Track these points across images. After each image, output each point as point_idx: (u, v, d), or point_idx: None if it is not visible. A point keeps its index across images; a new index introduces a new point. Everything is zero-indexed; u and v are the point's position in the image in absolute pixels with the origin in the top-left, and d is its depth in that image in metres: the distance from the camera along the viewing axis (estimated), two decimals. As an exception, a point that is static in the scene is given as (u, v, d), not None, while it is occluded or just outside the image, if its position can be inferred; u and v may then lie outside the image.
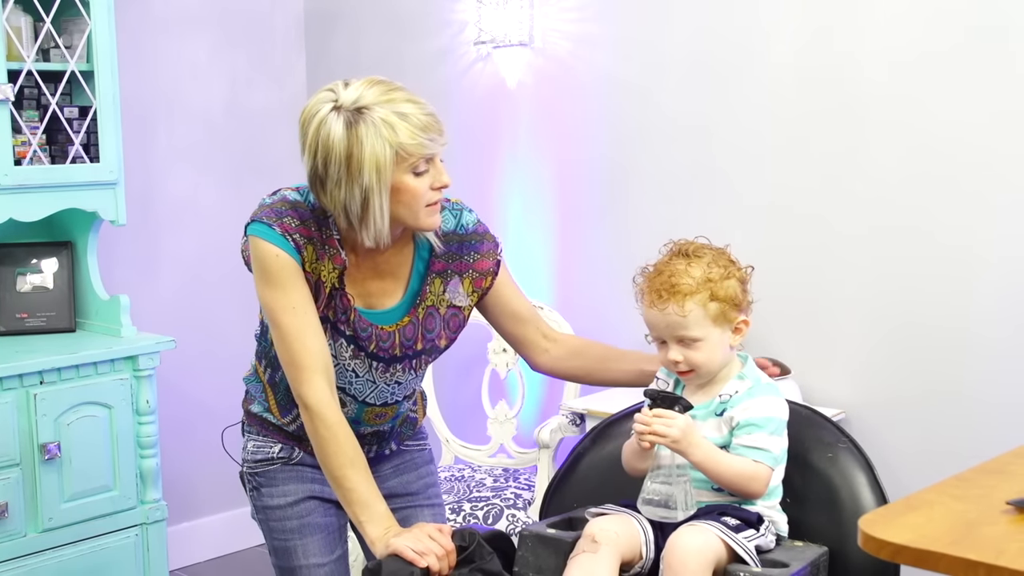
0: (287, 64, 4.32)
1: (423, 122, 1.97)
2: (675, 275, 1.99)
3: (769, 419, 2.00)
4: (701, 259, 2.01)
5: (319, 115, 1.97)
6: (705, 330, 1.98)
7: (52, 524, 3.23)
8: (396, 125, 1.95)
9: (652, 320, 2.02)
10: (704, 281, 1.98)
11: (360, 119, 1.95)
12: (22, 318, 3.55)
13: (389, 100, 1.97)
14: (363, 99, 1.96)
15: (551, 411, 3.61)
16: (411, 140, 1.96)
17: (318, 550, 2.22)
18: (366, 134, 1.94)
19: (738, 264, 2.05)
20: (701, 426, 2.01)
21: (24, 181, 3.29)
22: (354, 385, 2.14)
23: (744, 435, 1.98)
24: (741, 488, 1.98)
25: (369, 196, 1.96)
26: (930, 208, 2.92)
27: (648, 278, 2.03)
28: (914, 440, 2.97)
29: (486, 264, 2.20)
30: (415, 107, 1.98)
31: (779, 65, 3.14)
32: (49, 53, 3.42)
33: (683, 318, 1.97)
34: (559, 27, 3.61)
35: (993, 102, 2.80)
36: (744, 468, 1.97)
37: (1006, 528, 1.66)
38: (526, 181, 3.76)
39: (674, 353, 2.01)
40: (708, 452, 1.96)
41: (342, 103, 1.96)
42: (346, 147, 1.95)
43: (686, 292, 1.97)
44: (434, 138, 1.99)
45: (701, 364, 2.01)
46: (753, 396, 2.01)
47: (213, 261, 4.11)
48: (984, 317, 2.85)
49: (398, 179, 1.98)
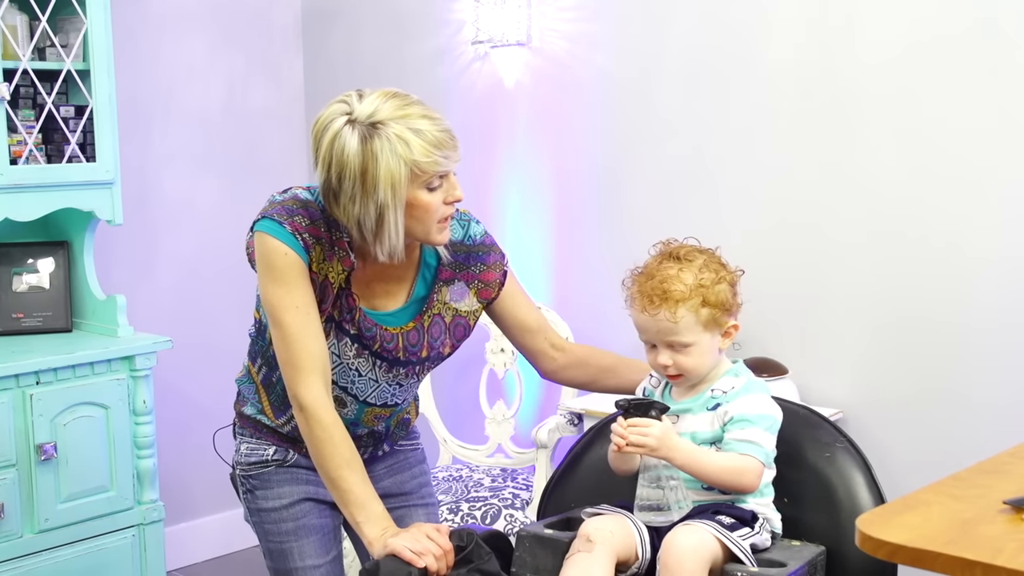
0: (285, 63, 4.32)
1: (437, 139, 1.96)
2: (667, 280, 1.98)
3: (764, 416, 2.00)
4: (692, 263, 2.01)
5: (333, 128, 1.95)
6: (696, 336, 1.98)
7: (49, 525, 3.22)
8: (411, 142, 1.93)
9: (643, 324, 2.02)
10: (696, 287, 1.97)
11: (375, 134, 1.93)
12: (18, 318, 3.55)
13: (404, 116, 1.95)
14: (378, 113, 1.94)
15: (549, 411, 3.61)
16: (425, 158, 1.95)
17: (314, 551, 2.22)
18: (381, 150, 1.93)
19: (728, 267, 2.04)
20: (693, 420, 2.01)
21: (20, 180, 3.29)
22: (356, 384, 2.14)
23: (737, 429, 1.98)
24: (732, 483, 1.98)
25: (384, 212, 1.96)
26: (927, 209, 2.91)
27: (638, 282, 2.02)
28: (911, 440, 2.97)
29: (492, 276, 2.21)
30: (430, 123, 1.96)
31: (776, 64, 3.14)
32: (45, 52, 3.41)
33: (674, 324, 1.97)
34: (557, 27, 3.61)
35: (990, 104, 2.79)
36: (731, 463, 1.96)
37: (1003, 528, 1.66)
38: (524, 180, 3.76)
39: (664, 357, 2.01)
40: (690, 453, 1.96)
41: (357, 116, 1.94)
42: (361, 163, 1.93)
43: (678, 298, 1.97)
44: (448, 155, 1.98)
45: (690, 369, 2.01)
46: (749, 393, 2.02)
47: (210, 261, 4.11)
48: (981, 317, 2.85)
49: (412, 195, 1.97)
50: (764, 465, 1.99)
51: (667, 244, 2.08)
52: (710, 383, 2.04)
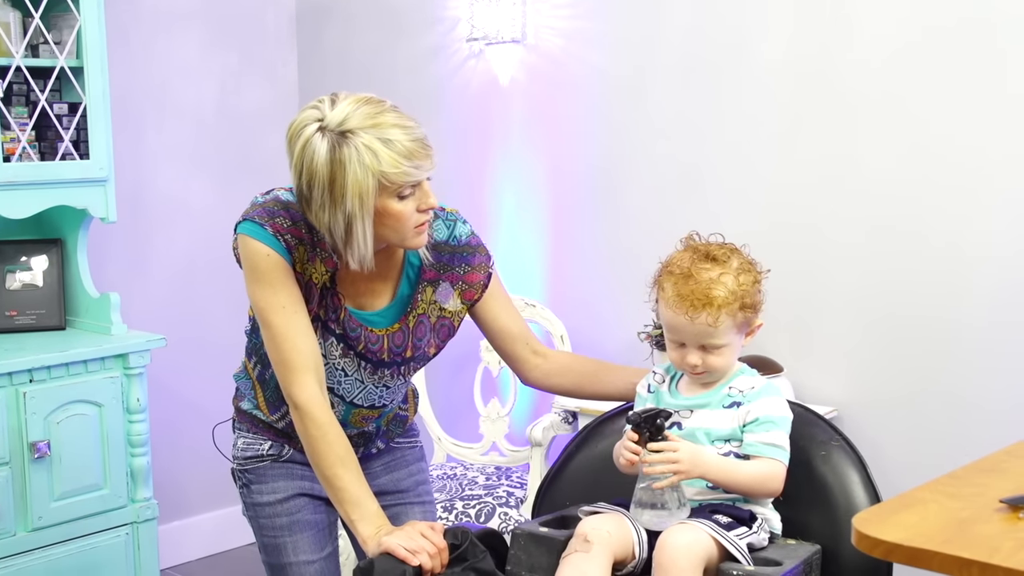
0: (279, 61, 4.31)
1: (408, 149, 1.92)
2: (709, 285, 1.96)
3: (785, 418, 2.02)
4: (729, 264, 2.00)
5: (304, 134, 1.93)
6: (730, 338, 2.00)
7: (42, 523, 3.22)
8: (379, 152, 1.90)
9: (678, 325, 2.00)
10: (737, 292, 1.97)
11: (344, 143, 1.91)
12: (11, 316, 3.53)
13: (375, 124, 1.92)
14: (348, 121, 1.91)
15: (543, 409, 3.61)
16: (393, 169, 1.92)
17: (308, 547, 2.21)
18: (349, 160, 1.90)
19: (757, 266, 2.05)
20: (709, 416, 2.02)
21: (13, 178, 3.28)
22: (343, 385, 2.13)
23: (762, 432, 1.98)
24: (760, 490, 1.99)
25: (352, 222, 1.94)
26: (922, 208, 2.91)
27: (676, 283, 1.99)
28: (905, 438, 2.97)
29: (476, 277, 2.19)
30: (402, 132, 1.93)
31: (772, 62, 3.13)
32: (38, 49, 3.40)
33: (714, 329, 1.97)
34: (551, 24, 3.61)
35: (985, 105, 2.79)
36: (760, 470, 1.97)
37: (1000, 526, 1.66)
38: (518, 178, 3.75)
39: (694, 358, 2.01)
40: (722, 468, 1.97)
41: (328, 123, 1.92)
42: (329, 172, 1.91)
43: (720, 304, 1.96)
44: (419, 165, 1.94)
45: (719, 368, 2.02)
46: (770, 395, 2.02)
47: (203, 259, 4.10)
48: (976, 315, 2.85)
49: (382, 204, 1.95)
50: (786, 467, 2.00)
51: (693, 239, 2.07)
52: (726, 380, 2.04)
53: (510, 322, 2.26)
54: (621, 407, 2.30)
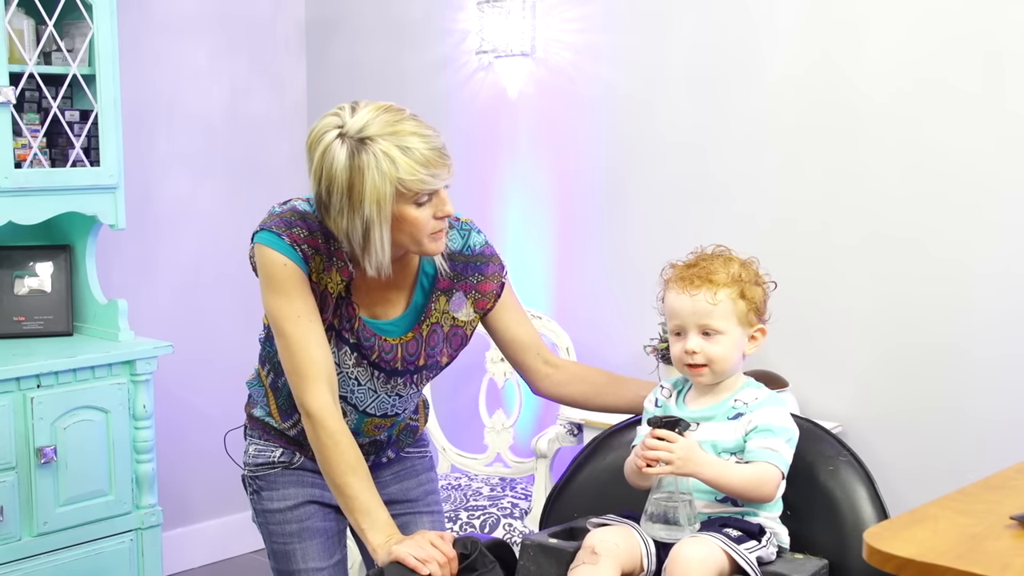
0: (287, 71, 4.32)
1: (426, 157, 1.95)
2: (711, 268, 2.04)
3: (786, 429, 2.02)
4: (733, 261, 2.07)
5: (324, 141, 1.95)
6: (729, 324, 2.01)
7: (47, 528, 3.22)
8: (397, 160, 1.92)
9: (678, 306, 2.03)
10: (737, 278, 2.03)
11: (363, 149, 1.93)
12: (19, 321, 3.54)
13: (394, 132, 1.94)
14: (368, 128, 1.94)
15: (548, 421, 3.61)
16: (411, 176, 1.94)
17: (317, 554, 2.22)
18: (367, 166, 1.92)
19: (763, 277, 2.09)
20: (715, 428, 2.02)
21: (24, 184, 3.29)
22: (355, 394, 2.14)
23: (760, 438, 1.99)
24: (753, 493, 1.99)
25: (370, 228, 1.96)
26: (928, 224, 2.92)
27: (679, 270, 2.07)
28: (911, 453, 2.98)
29: (489, 286, 2.21)
30: (420, 141, 1.95)
31: (779, 78, 3.15)
32: (51, 56, 3.42)
33: (712, 307, 2.00)
34: (561, 37, 3.62)
35: (991, 122, 2.80)
36: (753, 473, 1.98)
37: (1010, 543, 1.67)
38: (526, 191, 3.77)
39: (693, 343, 2.02)
40: (716, 468, 1.97)
41: (347, 130, 1.94)
42: (348, 178, 1.93)
43: (720, 283, 2.02)
44: (436, 173, 1.96)
45: (717, 359, 2.02)
46: (772, 405, 2.04)
47: (211, 266, 4.11)
48: (982, 332, 2.86)
49: (399, 210, 1.97)
50: (783, 475, 2.00)
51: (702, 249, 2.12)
52: (732, 392, 2.05)
53: (522, 332, 2.27)
54: (630, 419, 2.31)
